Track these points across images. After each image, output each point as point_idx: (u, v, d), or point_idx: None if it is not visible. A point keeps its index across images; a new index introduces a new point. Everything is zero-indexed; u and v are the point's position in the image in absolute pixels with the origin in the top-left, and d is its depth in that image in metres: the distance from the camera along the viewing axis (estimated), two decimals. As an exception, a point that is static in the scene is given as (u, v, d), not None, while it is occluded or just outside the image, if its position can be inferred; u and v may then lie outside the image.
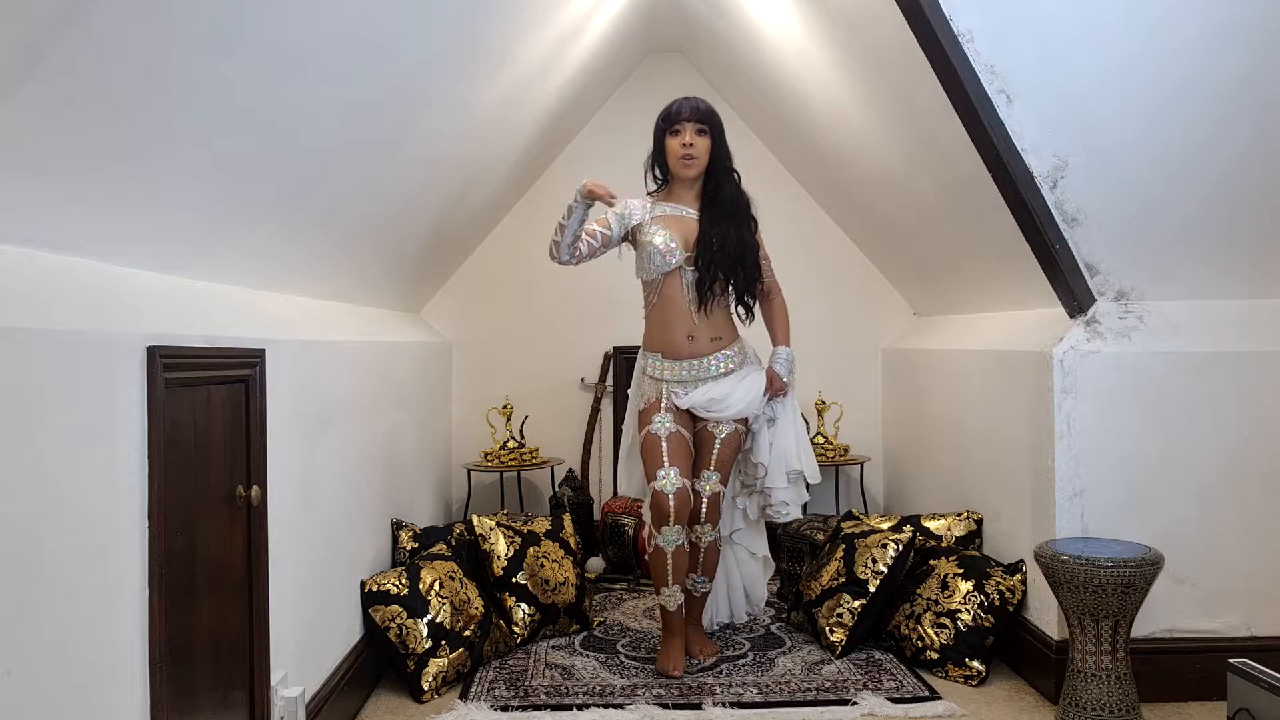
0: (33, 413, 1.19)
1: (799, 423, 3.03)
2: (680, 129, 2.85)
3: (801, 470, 2.97)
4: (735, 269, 2.86)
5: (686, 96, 2.91)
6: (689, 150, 2.84)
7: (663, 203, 2.93)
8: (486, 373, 4.26)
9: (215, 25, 1.41)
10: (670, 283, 2.88)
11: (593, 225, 2.85)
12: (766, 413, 2.96)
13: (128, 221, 1.51)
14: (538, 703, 2.60)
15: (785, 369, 2.97)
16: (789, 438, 2.97)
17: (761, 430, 2.97)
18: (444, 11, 2.19)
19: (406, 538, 3.03)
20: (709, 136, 2.87)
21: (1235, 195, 2.48)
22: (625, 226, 2.89)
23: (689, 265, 2.86)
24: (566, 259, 2.82)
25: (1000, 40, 2.27)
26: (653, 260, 2.85)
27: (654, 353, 2.95)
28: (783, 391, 2.97)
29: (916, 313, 4.28)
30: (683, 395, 2.89)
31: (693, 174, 2.88)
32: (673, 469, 2.80)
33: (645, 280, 2.94)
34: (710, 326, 2.89)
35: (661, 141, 2.91)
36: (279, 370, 1.99)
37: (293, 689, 2.00)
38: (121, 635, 1.38)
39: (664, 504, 2.76)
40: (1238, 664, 1.95)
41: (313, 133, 1.94)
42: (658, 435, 2.86)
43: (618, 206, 2.88)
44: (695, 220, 2.89)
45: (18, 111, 1.15)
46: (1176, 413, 2.61)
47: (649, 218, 2.89)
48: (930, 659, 2.81)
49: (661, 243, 2.83)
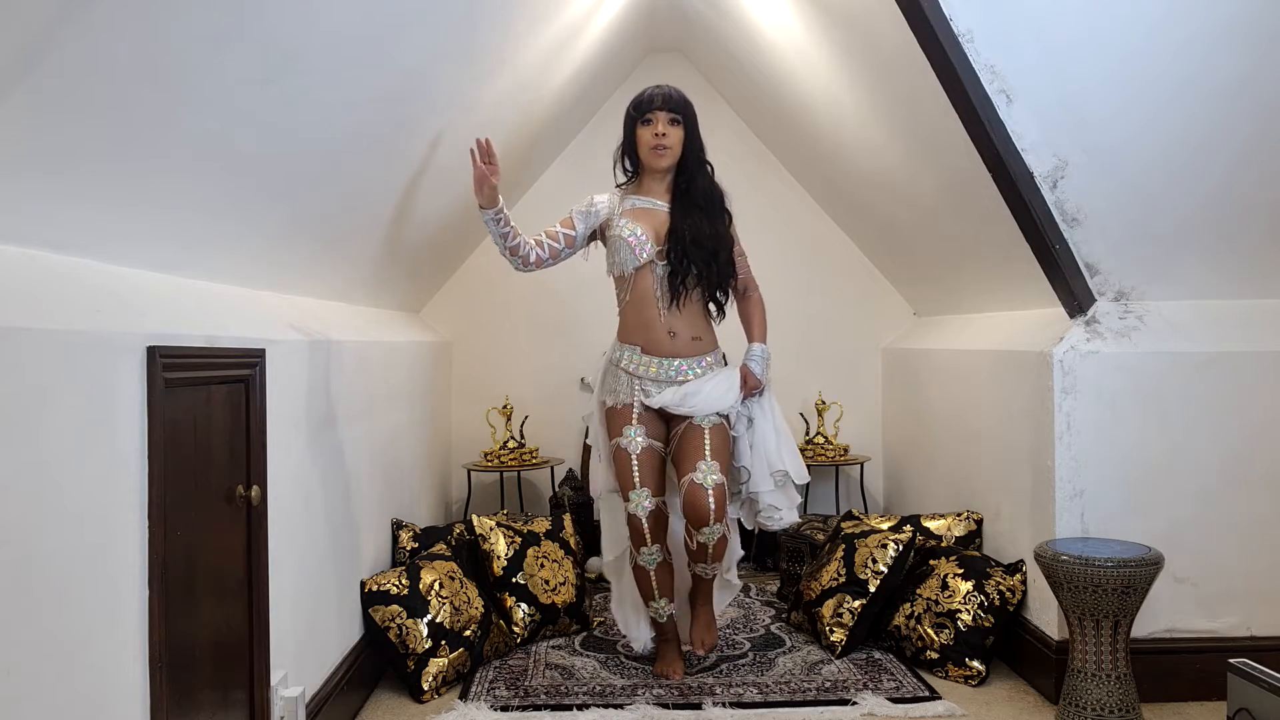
0: (33, 413, 1.19)
1: (779, 420, 2.86)
2: (652, 118, 2.73)
3: (787, 470, 2.79)
4: (709, 263, 2.72)
5: (659, 84, 2.80)
6: (661, 140, 2.72)
7: (631, 196, 2.82)
8: (486, 373, 4.26)
9: (215, 25, 1.41)
10: (642, 279, 2.76)
11: (555, 226, 2.76)
12: (743, 412, 2.79)
13: (128, 221, 1.51)
14: (538, 703, 2.60)
15: (760, 366, 2.81)
16: (769, 437, 2.80)
17: (741, 434, 2.80)
18: (444, 12, 2.19)
19: (406, 538, 3.03)
20: (682, 127, 2.75)
21: (1235, 195, 2.48)
22: (592, 224, 2.78)
23: (660, 260, 2.74)
24: (519, 267, 2.73)
25: (1000, 40, 2.27)
26: (622, 255, 2.73)
27: (632, 345, 2.79)
28: (758, 389, 2.81)
29: (916, 313, 4.28)
30: (654, 394, 2.75)
31: (665, 165, 2.76)
32: (644, 490, 2.68)
33: (616, 276, 2.82)
34: (689, 324, 2.77)
35: (632, 131, 2.78)
36: (279, 370, 1.99)
37: (293, 689, 2.00)
38: (121, 635, 1.38)
39: (639, 527, 2.68)
40: (1238, 664, 1.95)
41: (313, 132, 1.94)
42: (628, 452, 2.72)
43: (581, 204, 2.78)
44: (666, 213, 2.77)
45: (18, 111, 1.15)
46: (1176, 413, 2.61)
47: (618, 211, 2.78)
48: (930, 659, 2.81)
49: (631, 236, 2.72)
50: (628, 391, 2.78)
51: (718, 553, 2.73)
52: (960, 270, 3.42)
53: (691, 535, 2.69)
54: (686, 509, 2.67)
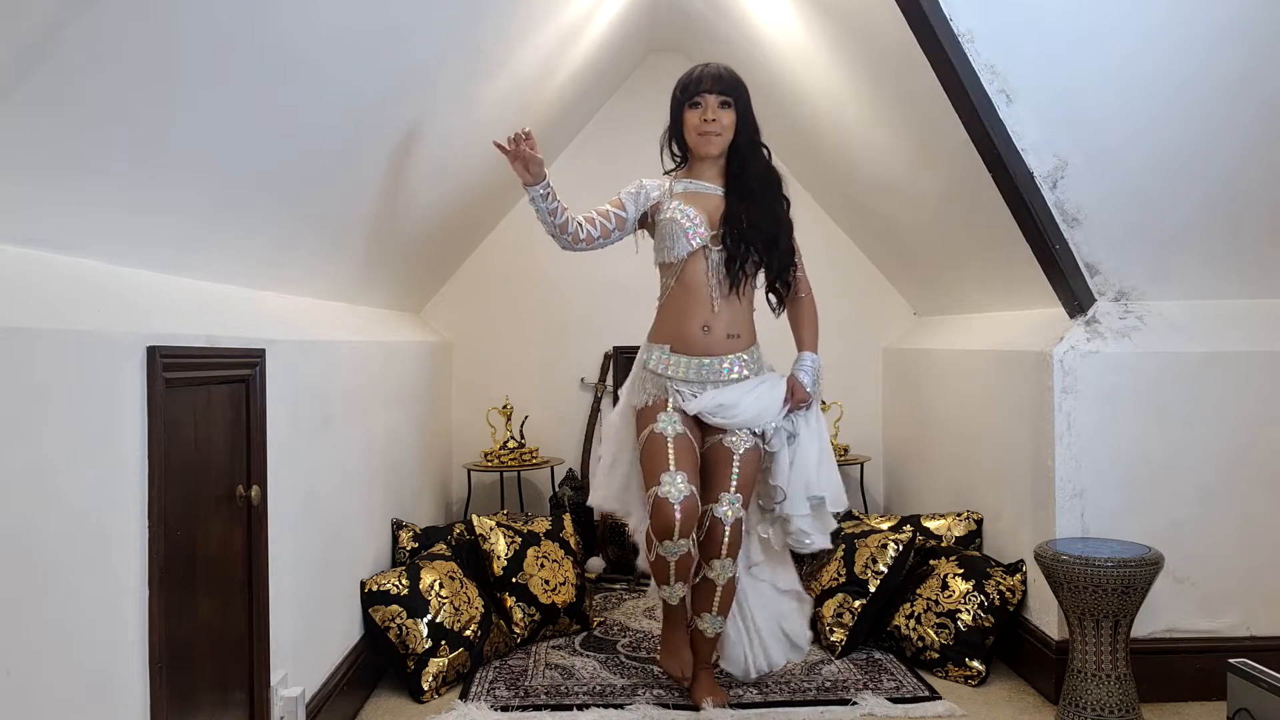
0: (33, 413, 1.19)
1: (824, 440, 2.63)
2: (701, 101, 2.53)
3: (824, 496, 2.55)
4: (770, 247, 2.55)
5: (707, 63, 2.59)
6: (711, 125, 2.53)
7: (683, 179, 2.64)
8: (486, 373, 4.25)
9: (215, 25, 1.41)
10: (692, 265, 2.55)
11: (604, 205, 2.61)
12: (786, 427, 2.55)
13: (128, 221, 1.51)
14: (538, 703, 2.60)
15: (811, 377, 2.59)
16: (811, 457, 2.56)
17: (781, 448, 2.55)
18: (444, 12, 2.19)
19: (406, 538, 3.03)
20: (734, 109, 2.55)
21: (1235, 195, 2.48)
22: (642, 206, 2.61)
23: (715, 245, 2.54)
24: (567, 245, 2.60)
25: (1000, 40, 2.27)
26: (675, 238, 2.53)
27: (661, 345, 2.60)
28: (805, 403, 2.58)
29: (917, 313, 4.28)
30: (690, 398, 2.54)
31: (715, 151, 2.57)
32: (680, 474, 2.42)
33: (665, 263, 2.60)
34: (729, 320, 2.55)
35: (680, 114, 2.59)
36: (279, 370, 1.99)
37: (293, 689, 2.00)
38: (121, 635, 1.38)
39: (669, 514, 2.38)
40: (1238, 664, 1.95)
41: (313, 132, 1.94)
42: (663, 434, 2.49)
43: (631, 186, 2.62)
44: (720, 197, 2.59)
45: (18, 111, 1.15)
46: (1176, 413, 2.61)
47: (668, 195, 2.61)
48: (930, 659, 2.81)
49: (684, 218, 2.53)
50: (660, 390, 2.58)
51: (724, 604, 2.54)
52: (960, 270, 3.42)
53: (699, 570, 2.51)
54: (702, 538, 2.50)
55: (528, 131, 2.46)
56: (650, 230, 2.66)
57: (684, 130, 2.60)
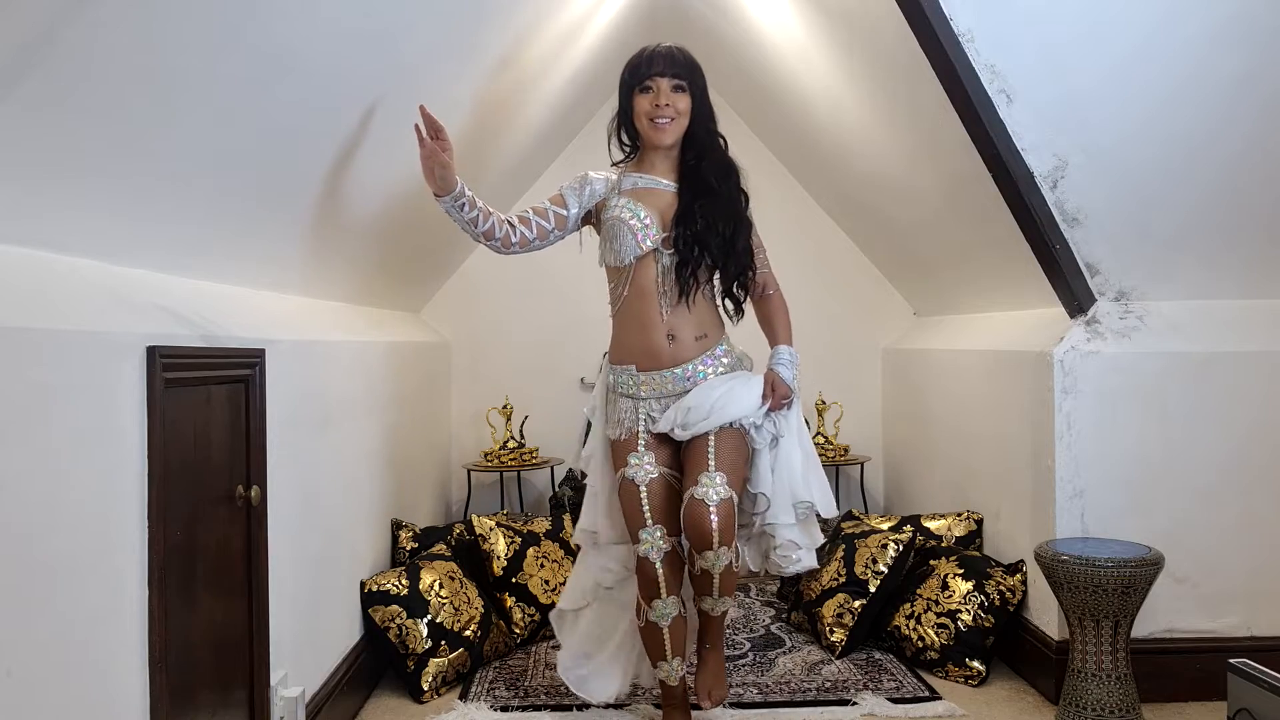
0: (33, 413, 1.19)
1: (807, 441, 2.40)
2: (653, 85, 2.28)
3: (812, 502, 2.33)
4: (726, 251, 2.31)
5: (659, 43, 2.35)
6: (663, 111, 2.28)
7: (632, 174, 2.39)
8: (486, 373, 4.25)
9: (214, 25, 1.41)
10: (643, 270, 2.31)
11: (543, 203, 2.38)
12: (768, 428, 2.31)
13: (127, 221, 1.51)
14: (538, 703, 2.60)
15: (790, 370, 2.36)
16: (794, 460, 2.34)
17: (762, 452, 2.31)
18: (444, 12, 2.19)
19: (406, 538, 3.03)
20: (689, 94, 2.31)
21: (1235, 195, 2.48)
22: (586, 203, 2.37)
23: (666, 248, 2.31)
24: (499, 250, 2.35)
25: (1000, 40, 2.27)
26: (622, 241, 2.29)
27: (625, 366, 2.36)
28: (786, 400, 2.34)
29: (916, 313, 4.28)
30: (658, 416, 2.33)
31: (669, 141, 2.32)
32: (657, 528, 2.24)
33: (612, 267, 2.37)
34: (694, 322, 2.34)
35: (629, 100, 2.34)
36: (279, 370, 1.99)
37: (293, 689, 2.00)
38: (121, 635, 1.38)
39: (651, 574, 2.24)
40: (1238, 664, 1.95)
41: (312, 133, 1.94)
42: (635, 482, 2.28)
43: (574, 180, 2.39)
44: (673, 194, 2.35)
45: (17, 111, 1.15)
46: (1176, 413, 2.61)
47: (616, 191, 2.37)
48: (930, 659, 2.81)
49: (632, 218, 2.29)
50: (632, 417, 2.36)
51: (726, 586, 2.26)
52: (960, 270, 3.42)
53: (693, 560, 2.23)
54: (687, 528, 2.20)
55: (439, 126, 2.15)
56: (596, 228, 2.43)
57: (634, 117, 2.34)
